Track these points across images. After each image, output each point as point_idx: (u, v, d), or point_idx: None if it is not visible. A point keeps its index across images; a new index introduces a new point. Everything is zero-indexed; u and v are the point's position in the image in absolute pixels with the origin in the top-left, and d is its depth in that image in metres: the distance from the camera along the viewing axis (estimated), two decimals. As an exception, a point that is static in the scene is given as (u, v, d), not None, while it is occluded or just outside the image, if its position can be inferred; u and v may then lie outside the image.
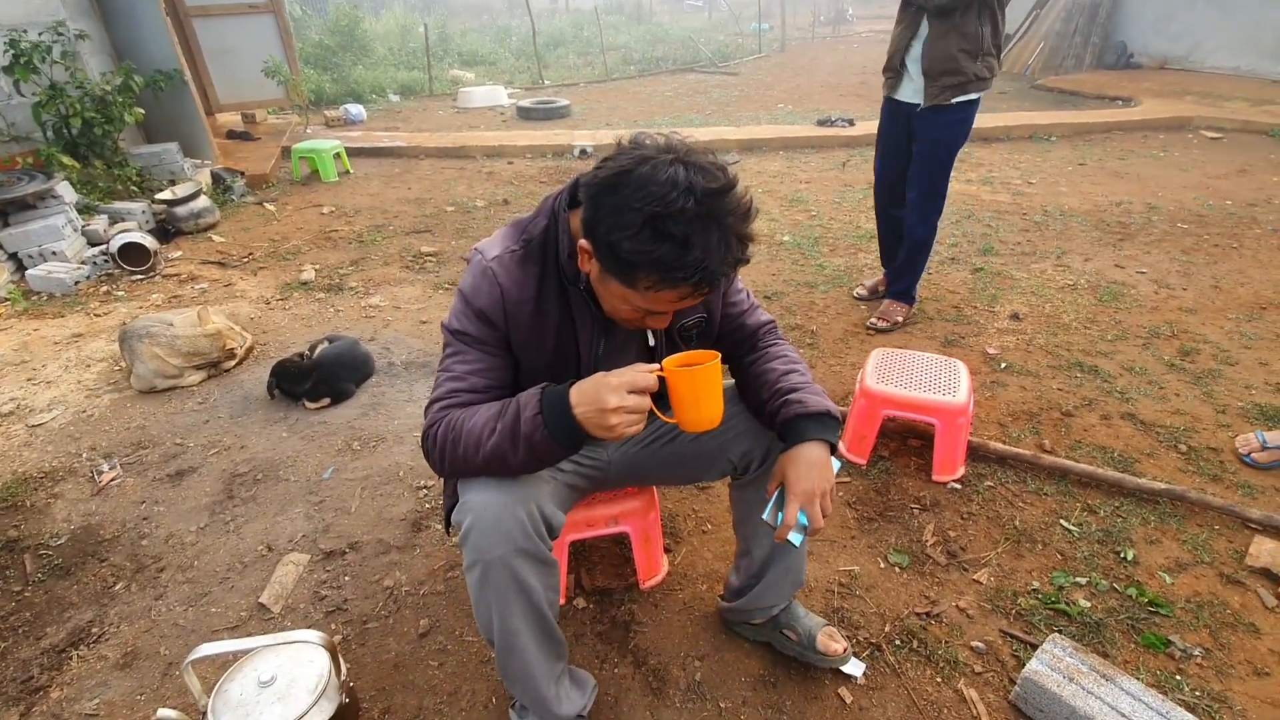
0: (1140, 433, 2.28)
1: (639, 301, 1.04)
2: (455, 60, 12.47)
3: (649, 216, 0.94)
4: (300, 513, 2.03)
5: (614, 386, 1.01)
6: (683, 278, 0.96)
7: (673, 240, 0.94)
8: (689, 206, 0.94)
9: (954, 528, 1.91)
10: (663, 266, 0.96)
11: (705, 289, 1.00)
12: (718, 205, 0.96)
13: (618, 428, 1.01)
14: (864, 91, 8.92)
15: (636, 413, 1.02)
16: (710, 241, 0.95)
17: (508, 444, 1.07)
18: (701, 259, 0.95)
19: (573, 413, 1.03)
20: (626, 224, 0.96)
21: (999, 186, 5.02)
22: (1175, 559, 1.77)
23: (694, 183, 0.94)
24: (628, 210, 0.95)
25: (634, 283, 1.00)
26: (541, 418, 1.05)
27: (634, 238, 0.95)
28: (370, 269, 3.87)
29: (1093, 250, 3.82)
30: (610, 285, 1.05)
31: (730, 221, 0.97)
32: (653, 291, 1.00)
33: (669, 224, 0.94)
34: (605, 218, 0.99)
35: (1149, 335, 2.89)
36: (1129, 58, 9.23)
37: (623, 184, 0.97)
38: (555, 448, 1.06)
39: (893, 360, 2.24)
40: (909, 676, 1.51)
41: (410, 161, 6.27)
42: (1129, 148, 5.90)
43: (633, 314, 1.09)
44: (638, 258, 0.96)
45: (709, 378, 1.06)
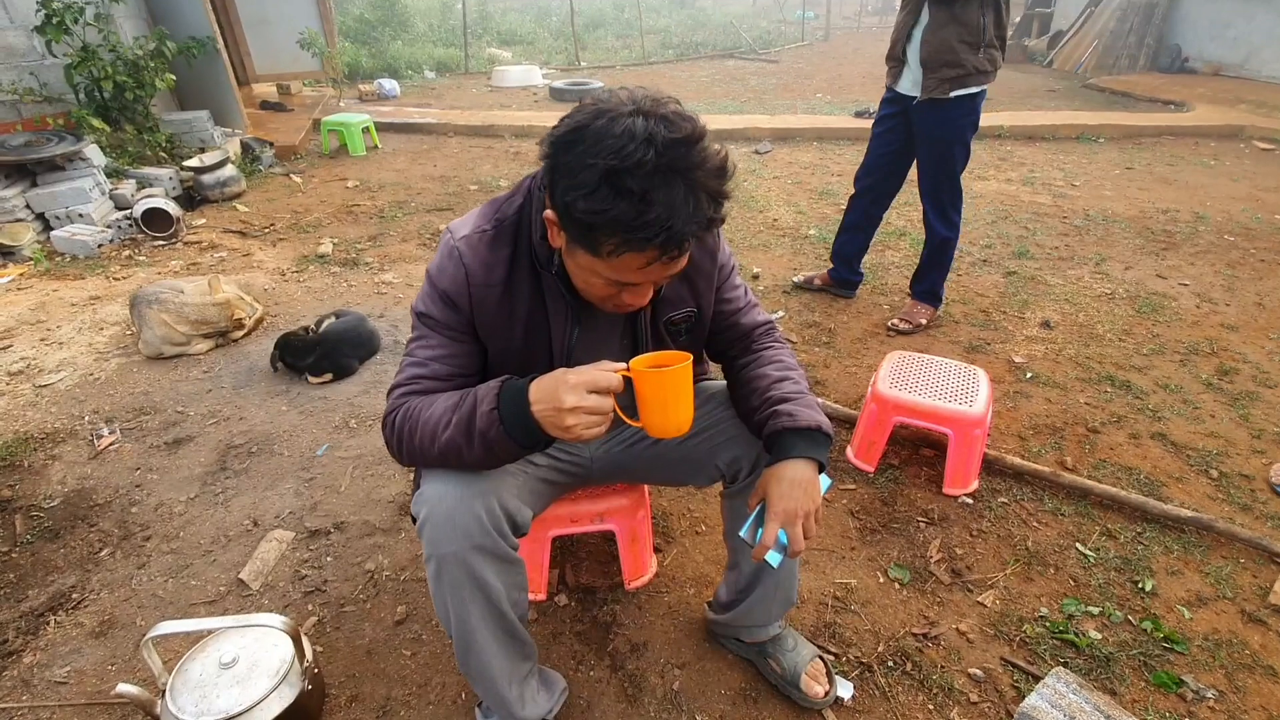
0: (1170, 454, 2.14)
1: (606, 271, 0.94)
2: (494, 38, 12.44)
3: (604, 172, 0.84)
4: (290, 489, 2.01)
5: (572, 385, 0.93)
6: (645, 238, 0.86)
7: (630, 197, 0.84)
8: (648, 159, 0.84)
9: (961, 545, 1.81)
10: (621, 226, 0.86)
11: (674, 252, 0.90)
12: (681, 157, 0.86)
13: (574, 429, 0.94)
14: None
15: (597, 414, 0.94)
16: (674, 198, 0.85)
17: (462, 438, 1.00)
18: (665, 217, 0.85)
19: (530, 410, 0.96)
20: (582, 182, 0.86)
21: (1040, 187, 4.82)
22: (1196, 592, 1.66)
23: (654, 133, 0.84)
24: (583, 168, 0.86)
25: (597, 248, 0.91)
26: (498, 413, 0.97)
27: (589, 196, 0.86)
28: (387, 245, 3.85)
29: (1134, 258, 3.63)
30: (577, 257, 0.96)
31: (697, 176, 0.87)
32: (616, 257, 0.90)
33: (626, 179, 0.84)
34: (562, 178, 0.90)
35: (1187, 351, 2.73)
36: (1183, 61, 8.82)
37: (578, 140, 0.88)
38: (512, 445, 0.99)
39: (909, 364, 2.13)
40: (899, 701, 1.42)
41: (439, 138, 6.25)
42: (1179, 154, 5.62)
43: (605, 289, 0.99)
44: (594, 218, 0.86)
45: (678, 381, 0.97)
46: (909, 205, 4.46)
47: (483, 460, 1.03)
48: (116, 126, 4.31)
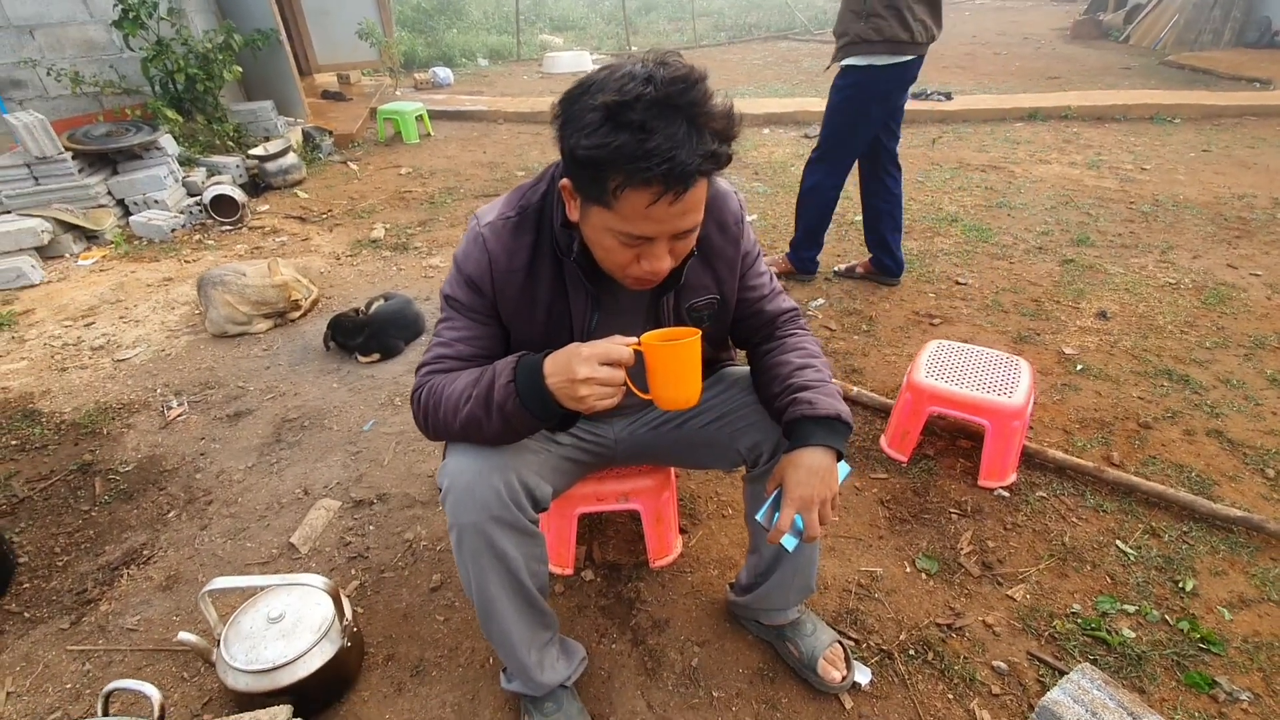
0: (1225, 452, 2.05)
1: (618, 224, 0.95)
2: (546, 25, 12.51)
3: (604, 108, 0.87)
4: (338, 461, 2.12)
5: (585, 357, 0.97)
6: (647, 169, 0.87)
7: (630, 127, 0.86)
8: (646, 92, 0.86)
9: (994, 538, 1.79)
10: (624, 158, 0.87)
11: (678, 188, 0.90)
12: (680, 93, 0.87)
13: (587, 399, 0.97)
14: (968, 63, 8.33)
15: (609, 385, 0.98)
16: (675, 131, 0.87)
17: (481, 411, 1.05)
18: (666, 148, 0.86)
19: (545, 382, 1.00)
20: (586, 124, 0.89)
21: (1106, 171, 4.59)
22: (1239, 594, 1.59)
23: (653, 74, 0.87)
24: (587, 111, 0.89)
25: (605, 195, 0.92)
26: (514, 385, 1.02)
27: (592, 133, 0.88)
28: (436, 230, 3.96)
29: (1203, 247, 3.44)
30: (592, 218, 0.99)
31: (698, 113, 0.88)
32: (626, 199, 0.91)
33: (626, 112, 0.86)
34: (567, 129, 0.93)
35: (1253, 345, 2.58)
36: (1273, 35, 8.18)
37: (584, 92, 0.92)
38: (529, 417, 1.03)
39: (948, 354, 2.09)
40: (918, 689, 1.43)
41: (489, 125, 6.36)
42: (1261, 135, 5.25)
43: (623, 253, 1.00)
44: (598, 152, 0.88)
45: (687, 354, 1.00)
46: (962, 190, 4.33)
47: (501, 433, 1.08)
48: (188, 117, 4.55)
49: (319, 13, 6.68)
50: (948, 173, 4.66)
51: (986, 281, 3.16)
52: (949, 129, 5.75)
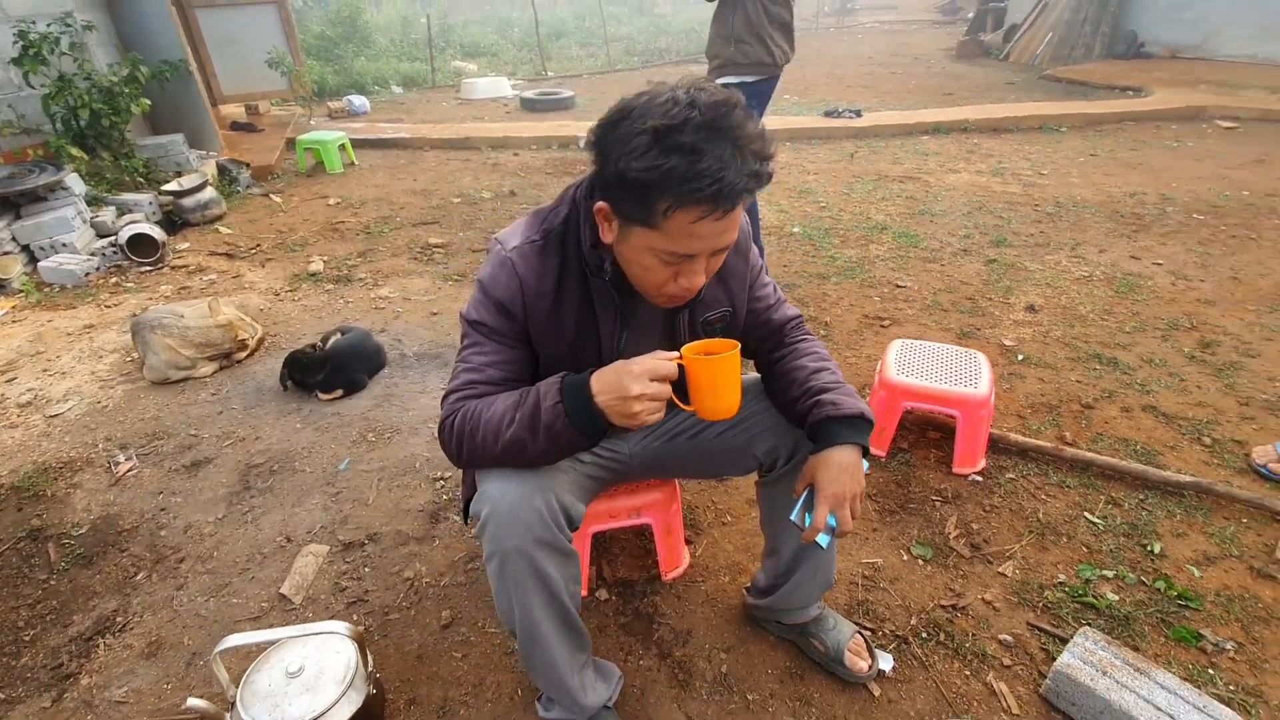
0: (1162, 425, 2.26)
1: (662, 243, 0.98)
2: (457, 51, 12.41)
3: (654, 132, 0.90)
4: (318, 504, 2.02)
5: (636, 374, 0.99)
6: (699, 189, 0.90)
7: (682, 150, 0.90)
8: (694, 117, 0.90)
9: (976, 520, 1.90)
10: (675, 180, 0.90)
11: (726, 205, 0.94)
12: (723, 117, 0.92)
13: (639, 415, 0.99)
14: (870, 82, 8.86)
15: (657, 400, 1.00)
16: (723, 152, 0.90)
17: (527, 433, 1.05)
18: (716, 169, 0.90)
19: (594, 401, 1.01)
20: (634, 148, 0.92)
21: (1010, 177, 4.99)
22: (1203, 552, 1.76)
23: (696, 99, 0.91)
24: (633, 135, 0.92)
25: (653, 215, 0.95)
26: (563, 406, 1.03)
27: (642, 156, 0.91)
28: (378, 260, 3.85)
29: (1107, 242, 3.79)
30: (632, 239, 1.01)
31: (740, 135, 0.92)
32: (672, 219, 0.94)
33: (675, 135, 0.90)
34: (612, 153, 0.95)
35: (1168, 327, 2.87)
36: (1139, 47, 9.16)
37: (625, 117, 0.95)
38: (577, 436, 1.04)
39: (912, 351, 2.22)
40: (937, 669, 1.49)
41: (415, 153, 6.24)
42: (1141, 138, 5.86)
43: (662, 272, 1.03)
44: (649, 175, 0.91)
45: (728, 366, 1.04)
46: (885, 200, 4.59)
47: (546, 454, 1.07)
48: (94, 154, 4.24)
49: (224, 42, 6.39)
50: (870, 184, 4.93)
51: (923, 284, 3.36)
52: (863, 144, 6.10)
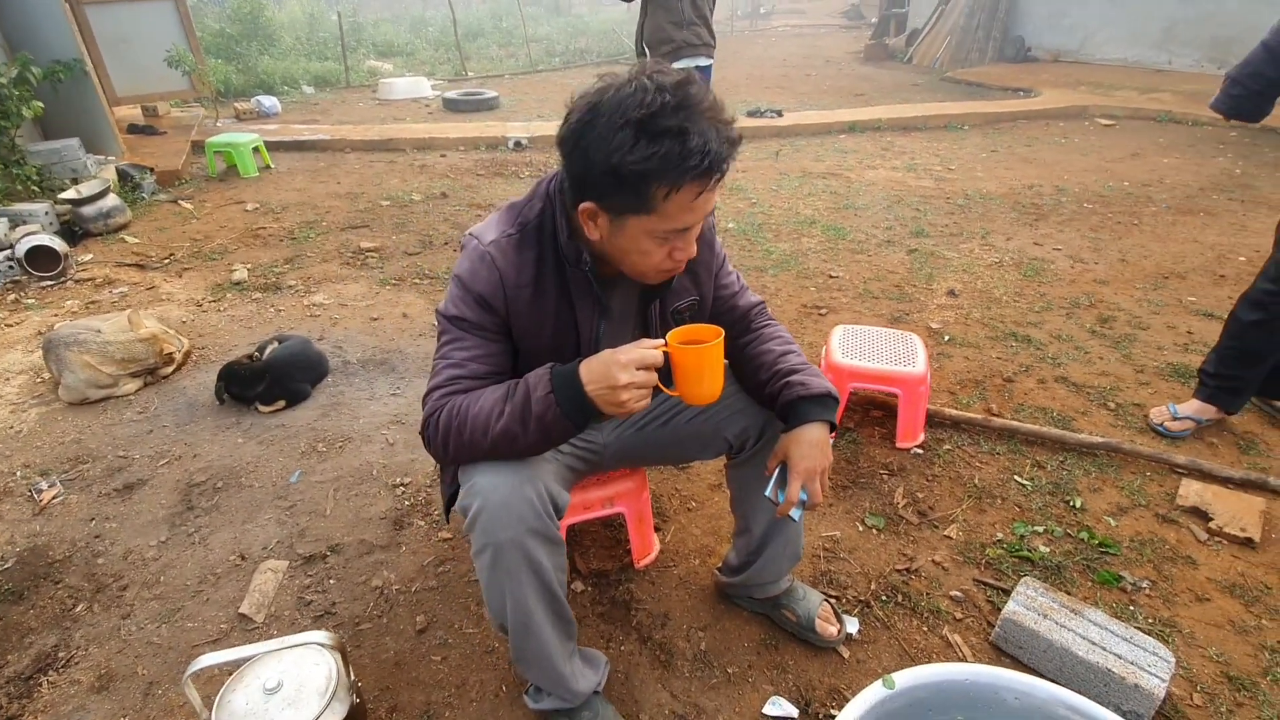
0: (1073, 394, 2.48)
1: (660, 224, 1.02)
2: (370, 50, 12.01)
3: (637, 123, 0.94)
4: (271, 519, 1.94)
5: (624, 364, 1.02)
6: (695, 167, 0.95)
7: (670, 134, 0.94)
8: (668, 101, 0.94)
9: (921, 489, 2.03)
10: (672, 162, 0.95)
11: (717, 175, 0.99)
12: (691, 95, 0.96)
13: (628, 403, 1.02)
14: (786, 84, 9.18)
15: (645, 388, 1.04)
16: (702, 126, 0.95)
17: (518, 425, 1.06)
18: (703, 143, 0.95)
19: (584, 390, 1.04)
20: (620, 142, 0.95)
21: (922, 173, 5.29)
22: (1116, 504, 1.95)
23: (661, 83, 0.96)
24: (614, 131, 0.95)
25: (650, 201, 0.99)
26: (554, 396, 1.05)
27: (634, 149, 0.94)
28: (308, 266, 3.71)
29: (1013, 230, 4.10)
30: (628, 228, 1.04)
31: (707, 108, 0.97)
32: (671, 200, 0.99)
33: (660, 121, 0.94)
34: (595, 154, 0.97)
35: (1070, 306, 3.14)
36: (1027, 51, 9.89)
37: (597, 116, 0.97)
38: (569, 426, 1.07)
39: (853, 336, 2.35)
40: (898, 628, 1.60)
41: (336, 155, 6.02)
42: (1034, 135, 6.34)
43: (659, 252, 1.07)
44: (646, 164, 0.95)
45: (714, 354, 1.08)
46: (811, 196, 4.79)
47: (537, 444, 1.09)
48: (-24, 160, 3.89)
49: (117, 41, 5.95)
50: (796, 181, 5.13)
51: (854, 273, 3.54)
52: (786, 142, 6.32)
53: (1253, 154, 5.46)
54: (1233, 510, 1.87)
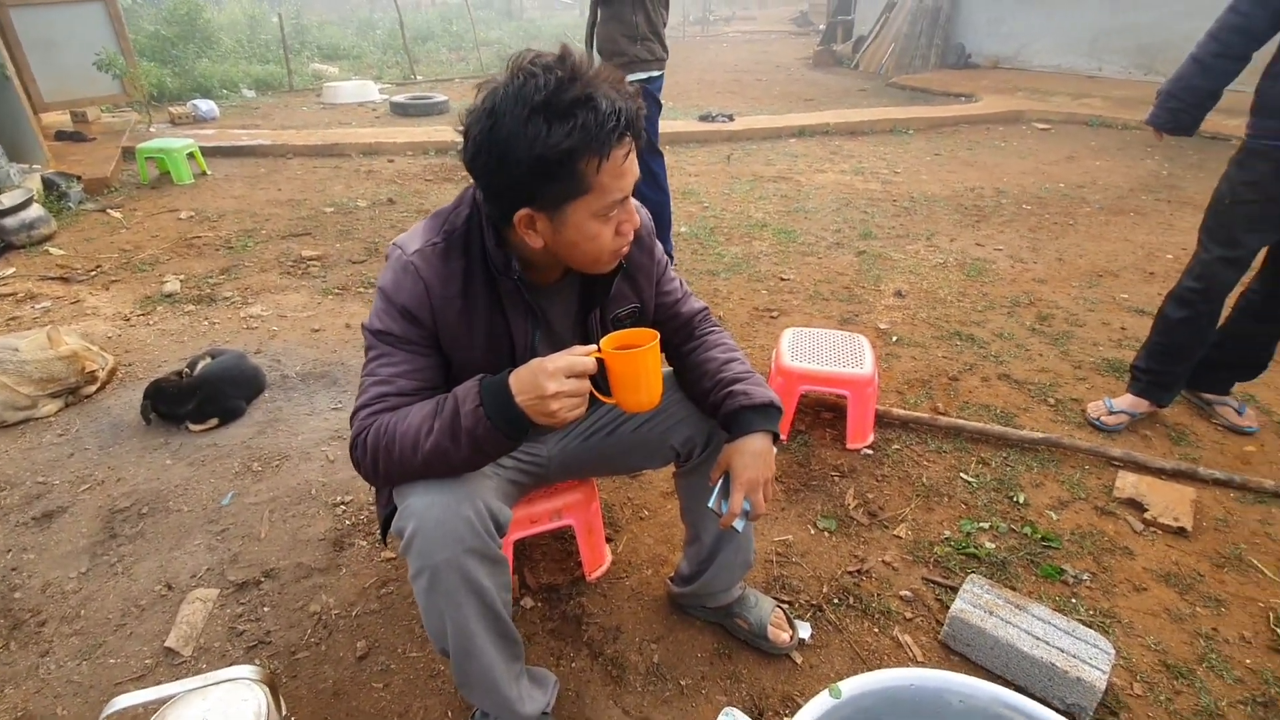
0: (1015, 390, 2.54)
1: (600, 200, 1.00)
2: (314, 53, 11.72)
3: (540, 107, 0.92)
4: (201, 544, 1.84)
5: (551, 372, 0.98)
6: (612, 129, 0.95)
7: (579, 104, 0.93)
8: (560, 76, 0.93)
9: (871, 490, 2.05)
10: (590, 133, 0.94)
11: (634, 133, 0.99)
12: (576, 67, 0.96)
13: (559, 413, 0.99)
14: (738, 90, 9.29)
15: (577, 396, 1.00)
16: (601, 89, 0.95)
17: (448, 441, 1.02)
18: (610, 106, 0.94)
19: (514, 401, 1.00)
20: (534, 133, 0.93)
21: (869, 176, 5.40)
22: (1057, 498, 2.00)
23: (546, 64, 0.95)
24: (523, 123, 0.93)
25: (584, 180, 0.97)
26: (483, 409, 1.01)
27: (550, 133, 0.92)
28: (245, 277, 3.57)
29: (956, 231, 4.20)
30: (570, 217, 1.01)
31: (596, 76, 0.97)
32: (603, 171, 0.97)
33: (563, 97, 0.93)
34: (513, 154, 0.95)
35: (1011, 304, 3.22)
36: (968, 58, 10.21)
37: (497, 120, 0.95)
38: (501, 439, 1.02)
39: (803, 339, 2.36)
40: (850, 631, 1.60)
41: (277, 161, 5.83)
42: (975, 139, 6.54)
43: (606, 231, 1.04)
44: (568, 141, 0.93)
45: (649, 359, 1.04)
46: (763, 199, 4.83)
47: (469, 460, 1.05)
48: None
49: (43, 44, 5.64)
50: (747, 185, 5.17)
51: (805, 276, 3.57)
52: (737, 147, 6.38)
53: (1178, 156, 5.74)
54: (1166, 501, 1.93)
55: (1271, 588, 1.71)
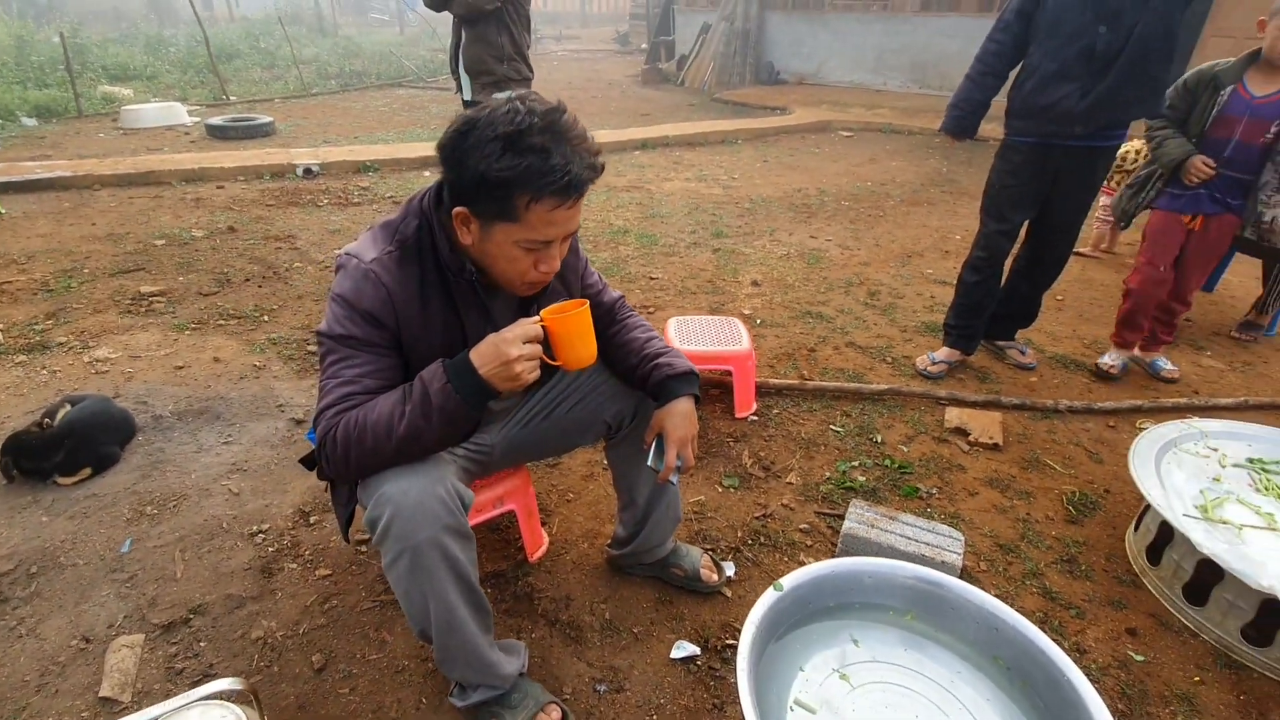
0: (860, 354, 3.00)
1: (522, 234, 1.13)
2: (101, 75, 10.43)
3: (505, 137, 1.05)
4: (109, 594, 1.73)
5: (510, 340, 1.14)
6: (553, 182, 1.07)
7: (534, 151, 1.05)
8: (535, 123, 1.06)
9: (762, 449, 2.36)
10: (534, 175, 1.06)
11: (577, 195, 1.11)
12: (556, 122, 1.08)
13: (522, 375, 1.14)
14: (576, 105, 9.40)
15: (533, 360, 1.16)
16: (565, 149, 1.07)
17: (421, 421, 1.13)
18: (563, 164, 1.06)
19: (479, 373, 1.14)
20: (489, 152, 1.05)
21: (711, 182, 5.90)
22: (905, 434, 2.43)
23: (533, 108, 1.09)
24: (485, 143, 1.06)
25: (514, 210, 1.10)
26: (451, 385, 1.13)
27: (500, 158, 1.05)
28: (78, 320, 3.23)
29: (792, 226, 4.75)
30: (495, 234, 1.14)
31: (574, 135, 1.10)
32: (533, 211, 1.09)
33: (525, 139, 1.05)
34: (468, 160, 1.08)
35: (846, 285, 3.75)
36: (777, 75, 11.31)
37: (472, 129, 1.09)
38: (470, 412, 1.15)
39: (687, 325, 2.64)
40: (765, 563, 1.87)
41: (83, 193, 5.21)
42: (794, 146, 7.33)
43: (524, 261, 1.17)
44: (509, 173, 1.05)
45: (582, 319, 1.23)
46: (620, 208, 5.13)
47: (441, 437, 1.17)
48: None
49: None
50: (603, 195, 5.44)
51: (671, 274, 3.89)
52: (586, 159, 6.65)
53: (953, 156, 6.84)
54: (982, 425, 2.43)
55: (1061, 479, 2.23)
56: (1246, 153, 2.49)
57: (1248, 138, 2.46)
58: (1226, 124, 2.48)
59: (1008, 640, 1.23)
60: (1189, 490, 1.83)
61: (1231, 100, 2.46)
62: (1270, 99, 2.41)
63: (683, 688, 1.53)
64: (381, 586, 1.77)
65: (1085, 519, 2.07)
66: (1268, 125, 2.42)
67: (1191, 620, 1.71)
